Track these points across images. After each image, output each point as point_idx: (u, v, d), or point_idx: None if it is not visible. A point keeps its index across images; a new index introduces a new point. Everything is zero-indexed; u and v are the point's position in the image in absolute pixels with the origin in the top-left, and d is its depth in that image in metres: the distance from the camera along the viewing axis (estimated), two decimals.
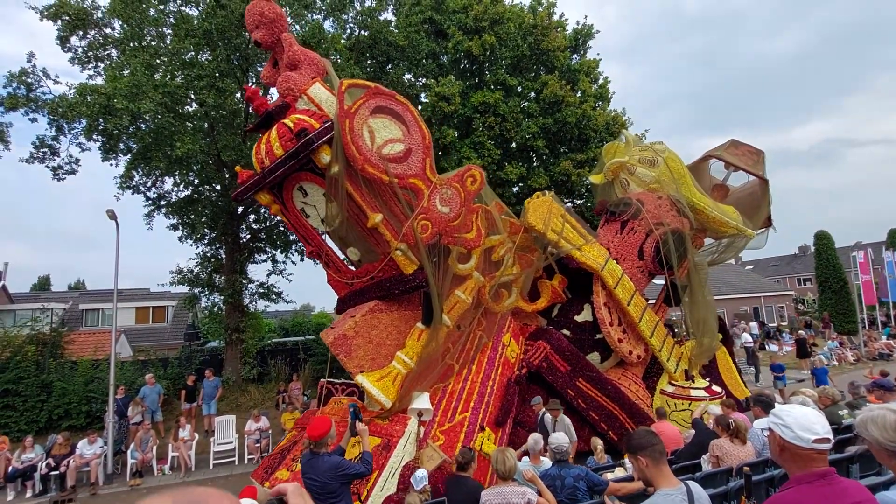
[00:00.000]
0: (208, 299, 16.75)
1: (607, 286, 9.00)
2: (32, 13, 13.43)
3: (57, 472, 9.58)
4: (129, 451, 10.38)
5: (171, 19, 14.10)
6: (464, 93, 17.30)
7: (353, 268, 8.02)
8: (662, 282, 10.32)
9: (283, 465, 7.19)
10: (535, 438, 5.78)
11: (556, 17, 19.69)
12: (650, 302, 10.59)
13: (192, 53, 13.90)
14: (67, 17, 13.20)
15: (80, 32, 13.81)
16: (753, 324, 26.37)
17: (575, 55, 20.57)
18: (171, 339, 24.49)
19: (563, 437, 4.90)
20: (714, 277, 34.21)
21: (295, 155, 6.55)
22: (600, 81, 20.04)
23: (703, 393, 8.95)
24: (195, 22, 13.36)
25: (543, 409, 7.54)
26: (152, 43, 14.04)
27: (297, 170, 6.93)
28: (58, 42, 13.59)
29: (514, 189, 18.41)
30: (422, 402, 6.83)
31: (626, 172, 10.47)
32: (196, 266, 16.22)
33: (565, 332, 9.39)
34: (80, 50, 14.08)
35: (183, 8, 14.40)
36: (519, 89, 18.81)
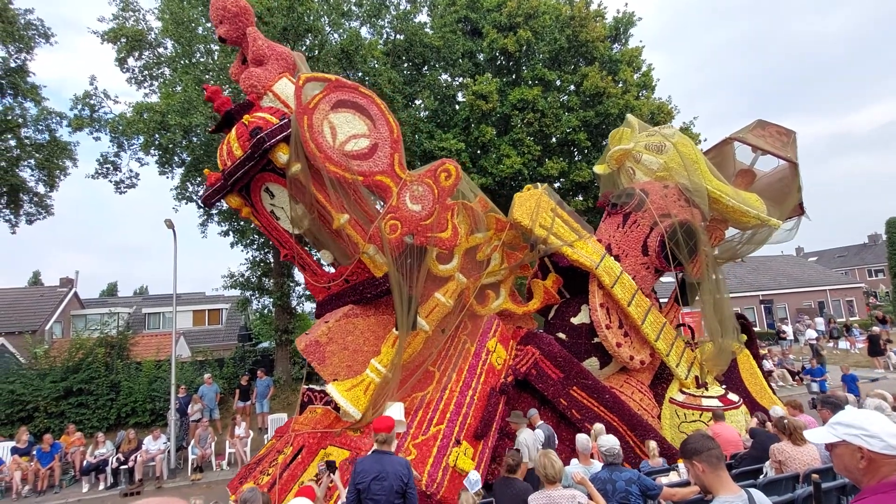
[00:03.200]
0: (258, 302, 17.46)
1: (604, 285, 8.27)
2: (93, 38, 14.40)
3: (126, 467, 10.23)
4: (189, 448, 10.94)
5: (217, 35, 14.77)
6: (501, 90, 17.16)
7: (331, 270, 7.61)
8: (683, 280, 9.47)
9: (252, 476, 6.66)
10: (584, 439, 5.63)
11: (594, 7, 19.20)
12: (662, 301, 9.85)
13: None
14: (125, 40, 14.09)
15: (136, 53, 14.72)
16: (819, 319, 24.73)
17: (616, 44, 19.98)
18: (225, 340, 25.67)
19: (613, 440, 4.74)
20: (774, 270, 32.37)
21: (251, 156, 6.22)
22: (643, 69, 19.36)
23: (716, 402, 8.11)
24: None
25: (541, 422, 7.17)
26: (201, 59, 14.77)
27: (259, 171, 6.61)
28: (116, 63, 14.53)
29: (556, 185, 18.09)
30: (394, 412, 6.36)
31: (631, 160, 9.62)
32: (247, 270, 16.94)
33: (561, 335, 8.72)
34: (136, 70, 15.00)
35: None
36: (558, 83, 18.47)
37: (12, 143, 15.84)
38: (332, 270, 7.55)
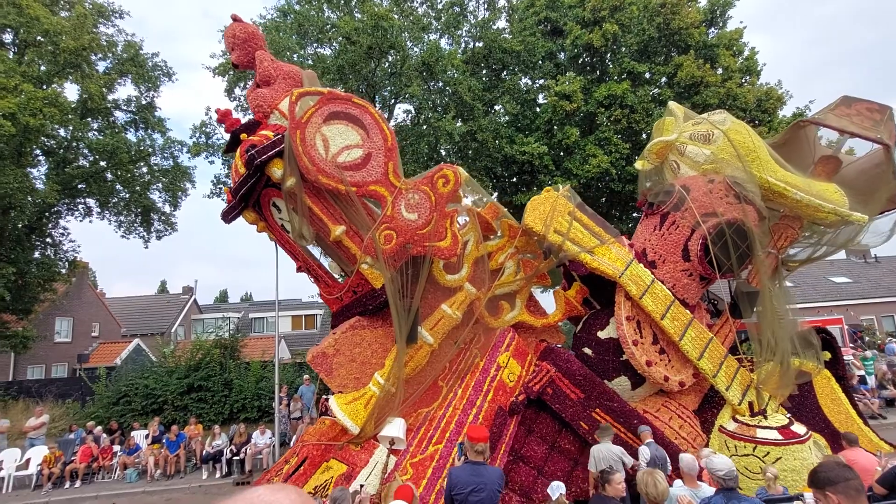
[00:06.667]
0: None
1: (631, 296, 7.29)
2: (206, 73, 16.16)
3: (238, 458, 11.20)
4: (290, 443, 11.73)
5: (310, 61, 15.90)
6: (585, 88, 16.57)
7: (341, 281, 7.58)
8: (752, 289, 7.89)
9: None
10: (690, 459, 5.16)
11: None
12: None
13: (329, 87, 15.51)
14: (232, 73, 15.65)
15: (241, 84, 16.27)
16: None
17: (712, 29, 18.49)
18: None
19: (728, 461, 4.28)
20: None
21: (252, 174, 6.35)
22: (746, 54, 17.69)
23: (774, 434, 6.74)
24: (328, 60, 14.88)
25: (649, 440, 6.41)
26: None
27: (264, 187, 6.73)
28: (225, 94, 16.19)
29: (647, 184, 17.05)
30: (394, 428, 6.09)
31: (675, 153, 8.44)
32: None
33: (587, 350, 7.86)
34: (241, 98, 16.59)
35: (319, 49, 16.14)
36: (648, 76, 17.47)
37: (144, 170, 18.31)
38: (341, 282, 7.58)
